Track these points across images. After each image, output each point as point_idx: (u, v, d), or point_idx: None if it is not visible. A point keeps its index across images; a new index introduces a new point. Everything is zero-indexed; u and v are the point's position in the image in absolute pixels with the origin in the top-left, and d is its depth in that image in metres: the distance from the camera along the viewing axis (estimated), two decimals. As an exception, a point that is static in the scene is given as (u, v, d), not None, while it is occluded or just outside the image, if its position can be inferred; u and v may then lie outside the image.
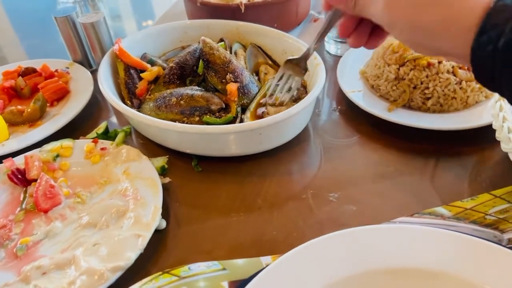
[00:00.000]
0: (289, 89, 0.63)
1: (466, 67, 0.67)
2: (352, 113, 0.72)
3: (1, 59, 1.02)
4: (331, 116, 0.73)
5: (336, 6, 0.46)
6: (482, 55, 0.34)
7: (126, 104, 0.68)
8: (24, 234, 0.54)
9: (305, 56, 0.60)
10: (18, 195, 0.59)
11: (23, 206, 0.58)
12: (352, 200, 0.57)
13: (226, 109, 0.66)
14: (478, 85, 0.67)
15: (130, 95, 0.71)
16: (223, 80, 0.68)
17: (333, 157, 0.65)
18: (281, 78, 0.62)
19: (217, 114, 0.65)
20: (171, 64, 0.73)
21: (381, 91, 0.71)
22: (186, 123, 0.64)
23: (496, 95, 0.66)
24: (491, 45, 0.33)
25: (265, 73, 0.75)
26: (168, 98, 0.66)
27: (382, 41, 0.48)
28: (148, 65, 0.74)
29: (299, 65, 0.61)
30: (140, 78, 0.72)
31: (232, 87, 0.67)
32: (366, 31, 0.47)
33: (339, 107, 0.75)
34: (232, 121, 0.64)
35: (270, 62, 0.78)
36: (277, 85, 0.63)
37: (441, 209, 0.53)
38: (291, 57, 0.62)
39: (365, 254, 0.44)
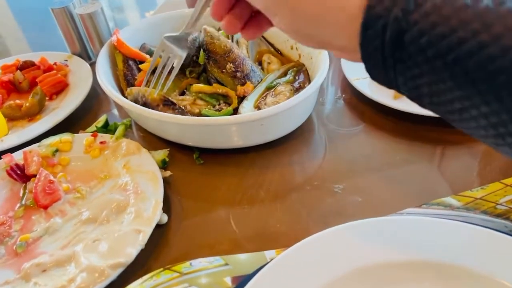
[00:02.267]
0: (171, 69, 0.62)
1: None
2: (357, 101, 0.70)
3: (3, 51, 1.01)
4: (335, 105, 0.71)
5: None
6: (371, 51, 0.29)
7: (125, 97, 0.67)
8: (24, 230, 0.53)
9: (185, 35, 0.60)
10: (18, 191, 0.58)
11: (23, 202, 0.57)
12: (358, 191, 0.55)
13: (226, 100, 0.65)
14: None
15: (129, 87, 0.69)
16: (223, 70, 0.66)
17: (338, 147, 0.63)
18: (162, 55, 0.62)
19: (217, 106, 0.64)
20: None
21: (386, 78, 0.69)
22: (185, 114, 0.63)
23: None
24: (378, 39, 0.28)
25: (268, 63, 0.73)
26: None
27: (260, 32, 0.41)
28: (147, 56, 0.72)
29: (181, 43, 0.61)
30: (139, 70, 0.71)
31: (248, 87, 0.65)
32: (243, 16, 0.40)
33: (343, 95, 0.73)
34: (233, 113, 0.63)
35: (273, 51, 0.76)
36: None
37: (450, 199, 0.51)
38: (169, 34, 0.61)
39: (372, 247, 0.43)
